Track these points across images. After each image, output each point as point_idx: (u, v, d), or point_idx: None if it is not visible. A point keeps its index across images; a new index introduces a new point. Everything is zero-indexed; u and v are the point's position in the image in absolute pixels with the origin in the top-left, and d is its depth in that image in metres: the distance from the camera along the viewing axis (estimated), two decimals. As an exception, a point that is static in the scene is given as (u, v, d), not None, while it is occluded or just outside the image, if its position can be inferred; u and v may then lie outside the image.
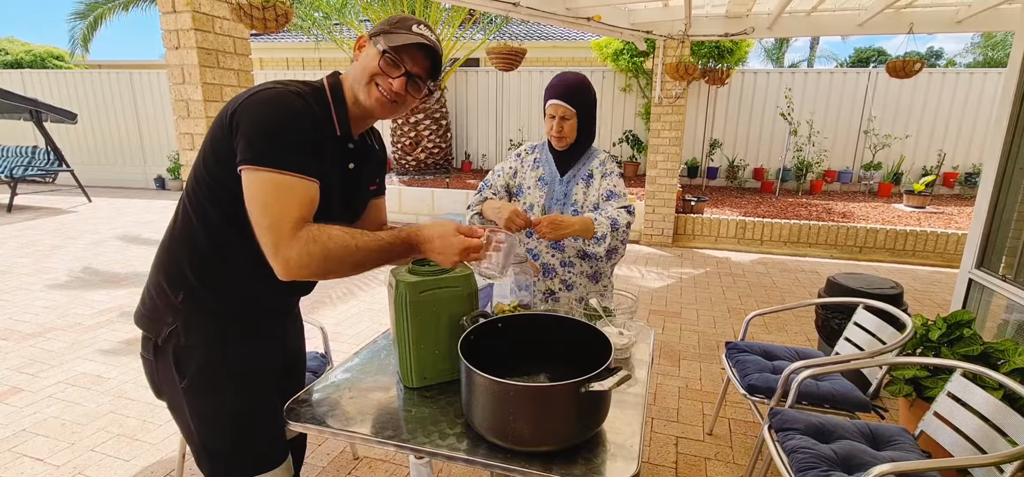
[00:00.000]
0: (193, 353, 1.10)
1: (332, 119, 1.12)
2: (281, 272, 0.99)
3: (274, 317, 1.24)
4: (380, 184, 1.36)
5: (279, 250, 0.97)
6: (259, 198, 0.97)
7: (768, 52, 19.92)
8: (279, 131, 0.99)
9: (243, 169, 0.98)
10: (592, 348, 1.11)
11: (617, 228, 1.67)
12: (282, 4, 2.80)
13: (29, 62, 13.51)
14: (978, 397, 1.53)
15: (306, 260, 0.98)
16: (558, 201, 1.82)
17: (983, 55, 17.77)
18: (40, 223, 6.83)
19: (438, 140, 8.66)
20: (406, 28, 1.12)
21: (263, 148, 0.97)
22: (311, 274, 1.00)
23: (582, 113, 1.73)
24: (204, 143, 1.06)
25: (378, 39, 1.11)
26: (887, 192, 8.11)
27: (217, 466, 1.15)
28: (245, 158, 0.97)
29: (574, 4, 4.52)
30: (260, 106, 0.99)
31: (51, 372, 2.89)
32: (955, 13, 4.54)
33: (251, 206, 0.98)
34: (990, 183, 2.79)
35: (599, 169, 1.80)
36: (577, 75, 1.74)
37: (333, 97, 1.13)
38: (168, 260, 1.11)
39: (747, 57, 8.65)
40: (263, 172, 0.97)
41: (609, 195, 1.77)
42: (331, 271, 1.01)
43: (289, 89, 1.04)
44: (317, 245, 0.98)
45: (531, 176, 1.86)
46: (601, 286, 1.89)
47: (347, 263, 1.02)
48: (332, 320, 3.71)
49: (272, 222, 0.97)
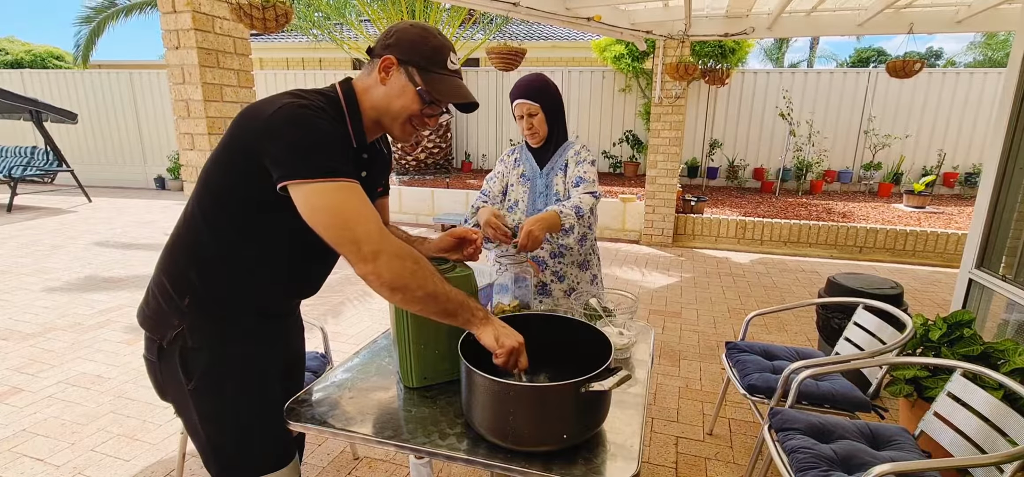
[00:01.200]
0: (199, 355, 1.10)
1: (348, 130, 1.10)
2: (369, 274, 0.97)
3: (278, 319, 1.24)
4: (385, 185, 1.37)
5: (370, 255, 0.96)
6: (339, 210, 0.95)
7: (768, 52, 19.92)
8: (325, 142, 0.97)
9: (303, 183, 0.95)
10: (592, 348, 1.11)
11: (581, 215, 1.76)
12: (282, 4, 2.80)
13: (29, 62, 13.51)
14: (978, 397, 1.53)
15: (398, 269, 0.97)
16: (541, 193, 1.92)
17: (983, 55, 17.76)
18: (40, 223, 6.83)
19: (438, 140, 8.66)
20: (442, 64, 1.10)
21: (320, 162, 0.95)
22: (398, 286, 0.98)
23: (547, 106, 1.83)
24: (216, 152, 1.05)
25: (413, 72, 1.08)
26: (887, 192, 8.11)
27: (225, 467, 1.15)
28: (304, 173, 0.95)
29: (574, 4, 4.52)
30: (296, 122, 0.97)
31: (51, 372, 2.89)
32: (955, 13, 4.54)
33: (328, 221, 0.96)
34: (990, 183, 2.79)
35: (574, 158, 1.90)
36: (536, 74, 1.86)
37: (349, 109, 1.10)
38: (173, 264, 1.11)
39: (747, 57, 8.65)
40: (330, 184, 0.95)
41: (578, 181, 1.86)
42: (410, 291, 0.99)
43: (312, 103, 1.02)
44: (405, 260, 0.98)
45: (514, 174, 1.98)
46: (590, 274, 1.98)
47: (424, 291, 1.00)
48: (332, 320, 3.71)
49: (357, 232, 0.96)
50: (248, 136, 1.00)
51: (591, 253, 1.99)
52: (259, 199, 1.02)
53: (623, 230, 6.61)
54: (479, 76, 9.49)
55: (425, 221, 7.15)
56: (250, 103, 1.04)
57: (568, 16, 4.58)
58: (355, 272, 0.99)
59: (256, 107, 1.01)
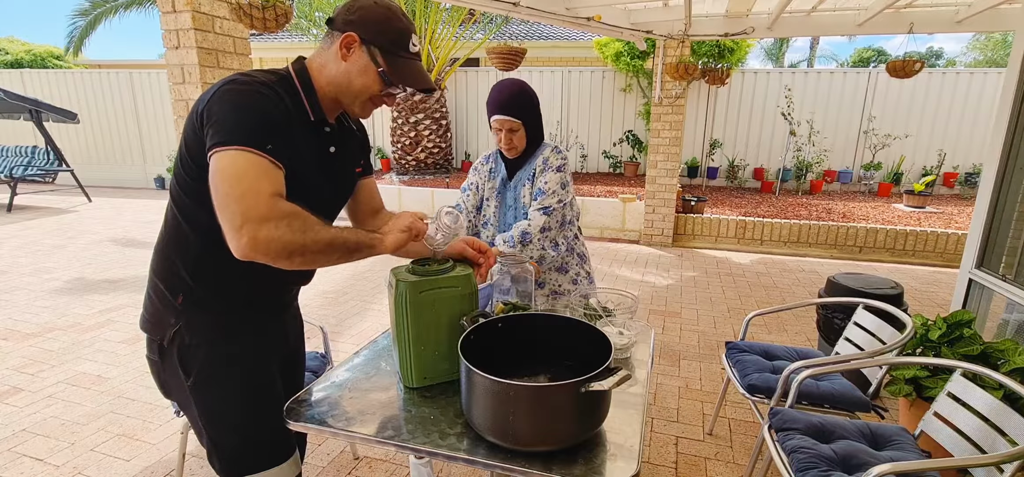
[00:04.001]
0: (196, 351, 1.11)
1: (303, 105, 1.09)
2: (244, 248, 0.91)
3: (274, 311, 1.25)
4: (366, 165, 1.35)
5: (246, 225, 0.90)
6: (228, 174, 0.92)
7: (768, 52, 19.92)
8: (247, 115, 0.96)
9: (212, 153, 0.94)
10: (592, 348, 1.11)
11: (527, 241, 1.72)
12: (282, 4, 2.80)
13: (29, 62, 13.50)
14: (978, 397, 1.53)
15: (283, 232, 0.93)
16: (509, 207, 1.87)
17: (983, 54, 17.74)
18: (40, 223, 6.83)
19: (438, 140, 8.66)
20: (405, 46, 1.09)
21: (232, 129, 0.94)
22: (275, 255, 0.93)
23: (529, 121, 1.76)
24: (180, 146, 1.05)
25: (375, 53, 1.07)
26: (887, 192, 8.11)
27: (227, 461, 1.15)
28: (214, 142, 0.94)
29: (574, 4, 4.52)
30: (228, 94, 0.97)
31: (51, 372, 2.88)
32: (955, 13, 4.54)
33: (218, 183, 0.93)
34: (990, 183, 2.79)
35: (541, 165, 1.82)
36: (515, 83, 1.75)
37: (301, 84, 1.09)
38: (163, 264, 1.12)
39: (747, 57, 8.65)
40: (232, 151, 0.93)
41: (537, 194, 1.80)
42: (295, 254, 0.95)
43: (256, 79, 1.02)
44: (291, 219, 0.94)
45: (488, 187, 1.92)
46: (572, 276, 1.95)
47: (309, 248, 0.96)
48: (332, 320, 3.71)
49: (242, 194, 0.91)
50: (194, 119, 1.00)
51: (569, 256, 1.95)
52: None
53: (623, 230, 6.61)
54: (479, 76, 9.49)
55: (425, 221, 7.14)
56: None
57: (568, 16, 4.58)
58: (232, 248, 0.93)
59: (203, 93, 1.01)
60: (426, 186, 7.58)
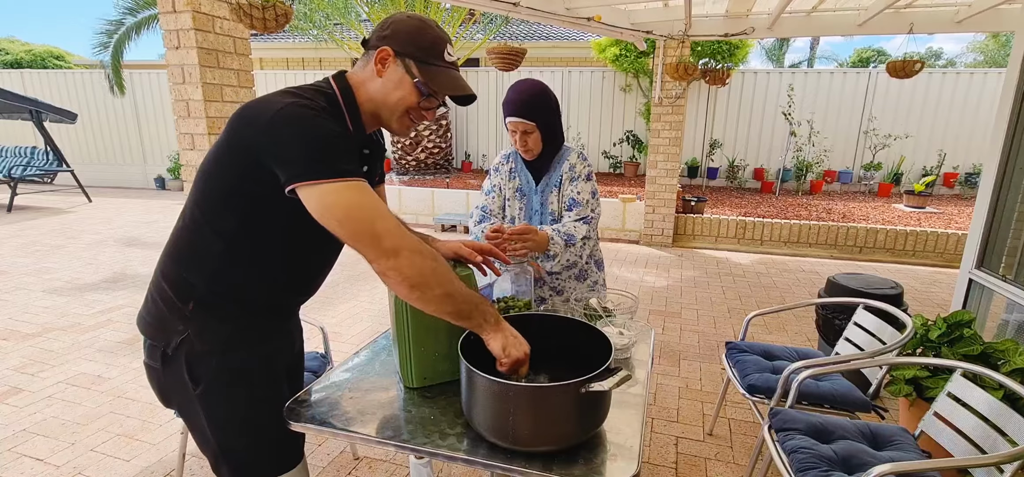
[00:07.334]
0: (207, 359, 1.08)
1: (346, 122, 1.09)
2: (395, 276, 0.98)
3: (283, 319, 1.24)
4: (382, 173, 1.36)
5: (396, 255, 0.97)
6: (346, 207, 0.95)
7: (768, 52, 19.91)
8: (334, 142, 0.97)
9: (306, 186, 0.94)
10: (592, 348, 1.11)
11: (571, 243, 1.72)
12: (282, 4, 2.80)
13: (29, 62, 13.50)
14: (978, 397, 1.53)
15: (419, 266, 0.98)
16: (536, 212, 1.86)
17: (983, 54, 17.74)
18: (40, 223, 6.83)
19: (438, 140, 8.66)
20: (440, 56, 1.09)
21: (322, 160, 0.94)
22: (418, 283, 0.99)
23: (544, 123, 1.73)
24: (214, 152, 1.03)
25: (410, 64, 1.06)
26: (887, 192, 8.11)
27: (236, 470, 1.14)
28: (304, 174, 0.94)
29: (574, 4, 4.52)
30: (300, 123, 0.95)
31: (51, 372, 2.88)
32: (955, 13, 4.54)
33: (339, 217, 0.95)
34: (990, 183, 2.79)
35: (568, 173, 1.81)
36: (532, 84, 1.72)
37: (346, 102, 1.09)
38: (174, 269, 1.09)
39: (747, 57, 8.65)
40: (336, 183, 0.94)
41: (571, 204, 1.78)
42: (429, 288, 1.00)
43: (313, 103, 1.01)
44: (425, 257, 1.00)
45: (509, 188, 1.90)
46: (589, 283, 1.93)
47: (442, 290, 1.01)
48: (332, 320, 3.71)
49: (376, 228, 0.96)
50: (248, 137, 0.98)
51: (589, 264, 1.94)
52: (261, 199, 1.01)
53: (623, 230, 6.61)
54: (479, 76, 9.49)
55: (425, 221, 7.14)
56: (246, 103, 1.02)
57: (568, 16, 4.58)
58: (374, 269, 0.99)
59: (255, 108, 0.99)
60: (426, 186, 7.57)
